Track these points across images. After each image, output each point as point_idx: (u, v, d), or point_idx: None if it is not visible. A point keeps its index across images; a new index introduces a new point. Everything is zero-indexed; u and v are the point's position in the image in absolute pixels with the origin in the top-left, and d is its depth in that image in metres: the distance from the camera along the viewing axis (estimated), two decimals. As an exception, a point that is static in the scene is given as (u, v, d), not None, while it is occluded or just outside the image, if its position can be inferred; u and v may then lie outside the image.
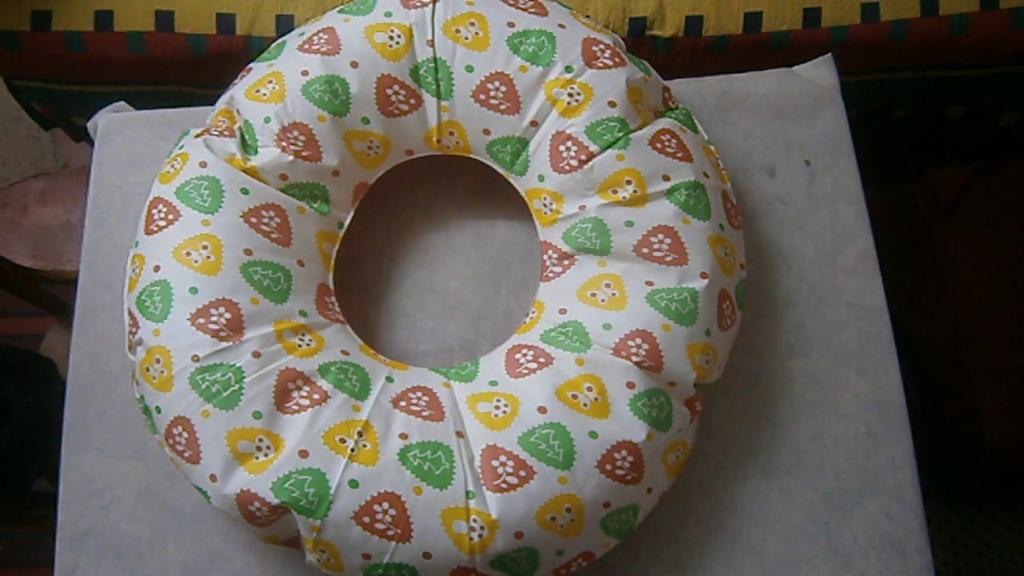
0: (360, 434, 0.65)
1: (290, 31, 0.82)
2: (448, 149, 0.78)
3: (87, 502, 0.75)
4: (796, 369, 0.78)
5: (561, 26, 0.75)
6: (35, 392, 1.11)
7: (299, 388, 0.66)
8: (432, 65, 0.75)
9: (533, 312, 0.75)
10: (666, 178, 0.72)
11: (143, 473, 0.75)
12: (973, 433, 1.15)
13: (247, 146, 0.74)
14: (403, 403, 0.68)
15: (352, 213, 0.77)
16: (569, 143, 0.73)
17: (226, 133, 0.75)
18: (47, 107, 1.16)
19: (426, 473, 0.64)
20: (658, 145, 0.73)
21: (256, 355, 0.66)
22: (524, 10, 0.75)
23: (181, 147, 0.75)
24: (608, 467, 0.65)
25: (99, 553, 0.74)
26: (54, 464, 0.77)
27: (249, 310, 0.68)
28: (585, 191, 0.73)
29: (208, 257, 0.68)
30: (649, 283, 0.71)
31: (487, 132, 0.75)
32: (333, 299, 0.75)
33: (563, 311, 0.72)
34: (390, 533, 0.64)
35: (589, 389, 0.67)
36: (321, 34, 0.75)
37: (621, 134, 0.72)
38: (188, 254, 0.69)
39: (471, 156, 0.78)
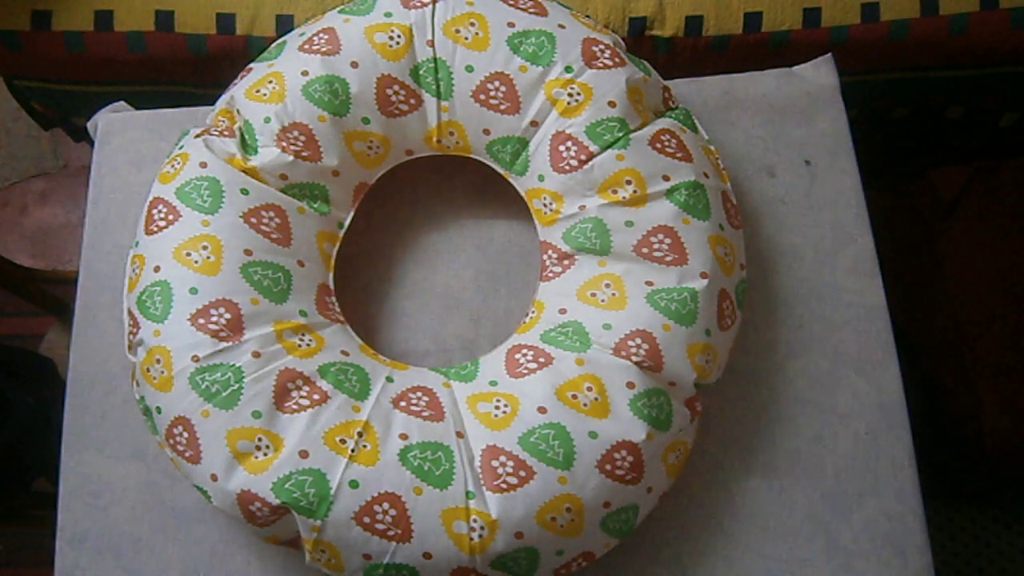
0: (360, 434, 0.65)
1: (290, 31, 0.82)
2: (448, 149, 0.78)
3: (87, 502, 0.75)
4: (796, 369, 0.78)
5: (561, 26, 0.75)
6: (35, 392, 1.11)
7: (299, 388, 0.66)
8: (432, 65, 0.75)
9: (533, 312, 0.75)
10: (666, 178, 0.72)
11: (143, 473, 0.75)
12: (973, 433, 1.15)
13: (247, 146, 0.74)
14: (403, 403, 0.68)
15: (352, 213, 0.77)
16: (569, 143, 0.73)
17: (226, 133, 0.75)
18: (47, 107, 1.16)
19: (426, 473, 0.64)
20: (658, 145, 0.73)
21: (256, 355, 0.66)
22: (524, 10, 0.75)
23: (181, 147, 0.75)
24: (608, 467, 0.65)
25: (99, 553, 0.74)
26: (54, 464, 0.77)
27: (249, 310, 0.68)
28: (585, 191, 0.73)
29: (208, 257, 0.68)
30: (649, 283, 0.71)
31: (487, 132, 0.75)
32: (333, 299, 0.75)
33: (563, 311, 0.72)
34: (390, 533, 0.64)
35: (589, 389, 0.67)
36: (321, 34, 0.75)
37: (621, 134, 0.72)
38: (188, 254, 0.69)
39: (471, 156, 0.78)
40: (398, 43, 0.75)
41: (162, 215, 0.71)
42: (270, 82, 0.74)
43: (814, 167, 0.84)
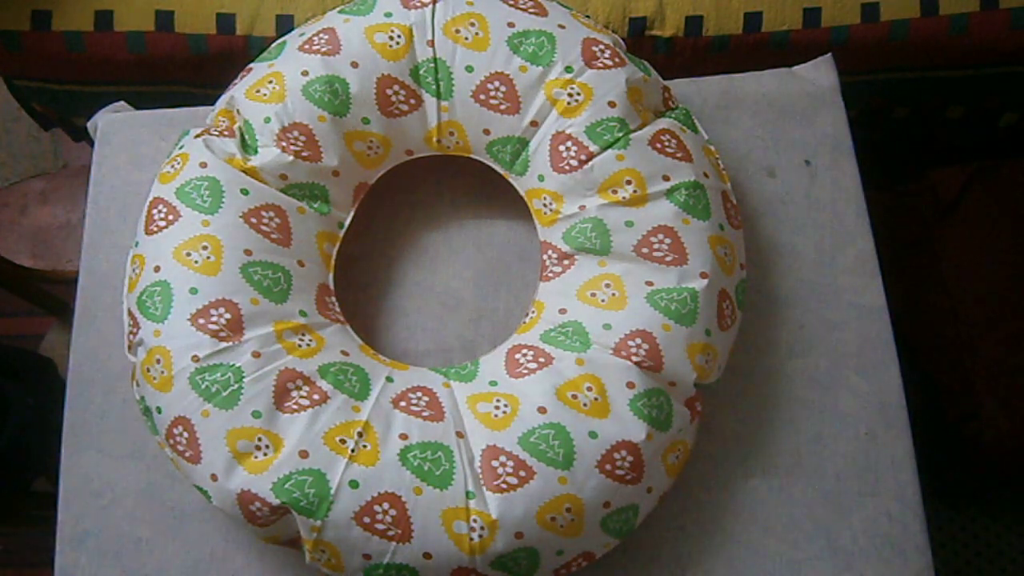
0: (360, 434, 0.65)
1: (290, 31, 0.82)
2: (448, 149, 0.78)
3: (87, 502, 0.75)
4: (796, 369, 0.78)
5: (561, 26, 0.75)
6: (35, 392, 1.11)
7: (299, 388, 0.66)
8: (432, 65, 0.75)
9: (533, 312, 0.75)
10: (666, 178, 0.72)
11: (143, 473, 0.75)
12: (973, 433, 1.15)
13: (247, 146, 0.74)
14: (403, 403, 0.68)
15: (352, 213, 0.77)
16: (569, 143, 0.73)
17: (226, 133, 0.75)
18: (47, 107, 1.16)
19: (426, 473, 0.64)
20: (658, 145, 0.73)
21: (256, 355, 0.66)
22: (524, 10, 0.75)
23: (181, 147, 0.75)
24: (608, 467, 0.65)
25: (99, 553, 0.74)
26: (54, 464, 0.77)
27: (249, 310, 0.68)
28: (585, 191, 0.73)
29: (208, 257, 0.68)
30: (649, 283, 0.71)
31: (487, 132, 0.75)
32: (333, 299, 0.75)
33: (563, 311, 0.72)
34: (390, 533, 0.64)
35: (589, 389, 0.67)
36: (321, 34, 0.75)
37: (621, 134, 0.72)
38: (188, 254, 0.69)
39: (471, 156, 0.78)
40: (398, 43, 0.75)
41: (162, 215, 0.71)
42: (270, 82, 0.74)
43: (814, 167, 0.84)
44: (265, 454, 0.65)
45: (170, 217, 0.71)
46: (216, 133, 0.75)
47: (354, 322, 0.76)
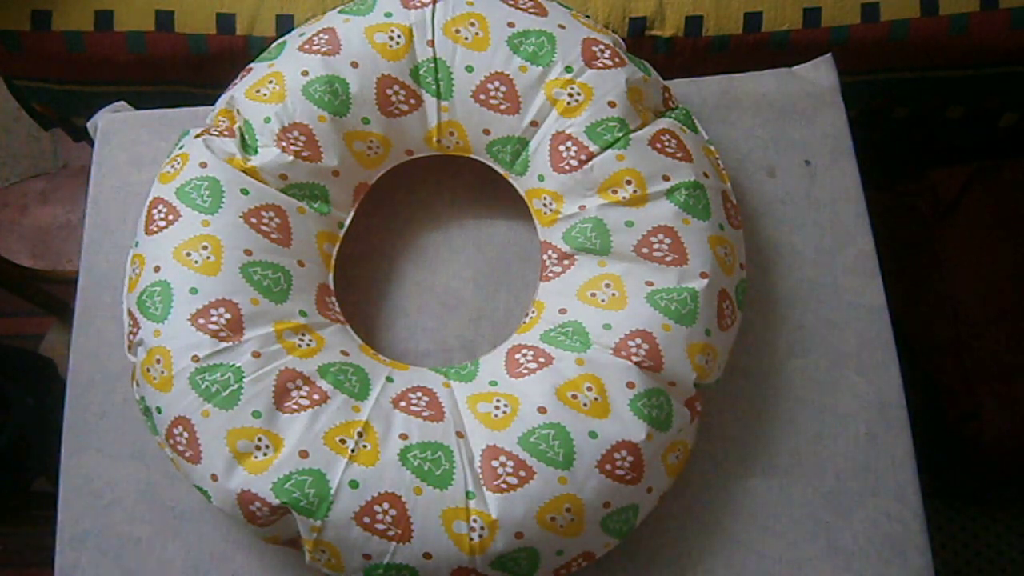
0: (360, 434, 0.65)
1: (290, 31, 0.82)
2: (448, 149, 0.78)
3: (87, 502, 0.75)
4: (796, 369, 0.78)
5: (561, 26, 0.75)
6: (35, 392, 1.11)
7: (299, 388, 0.66)
8: (432, 65, 0.75)
9: (533, 312, 0.75)
10: (666, 178, 0.72)
11: (143, 473, 0.75)
12: (973, 433, 1.15)
13: (247, 146, 0.74)
14: (403, 403, 0.68)
15: (352, 213, 0.77)
16: (569, 143, 0.73)
17: (226, 133, 0.75)
18: (47, 107, 1.16)
19: (426, 473, 0.64)
20: (658, 145, 0.73)
21: (256, 355, 0.66)
22: (524, 10, 0.75)
23: (181, 147, 0.75)
24: (608, 467, 0.65)
25: (99, 553, 0.74)
26: (54, 464, 0.77)
27: (249, 310, 0.68)
28: (585, 191, 0.73)
29: (208, 257, 0.68)
30: (649, 283, 0.71)
31: (487, 132, 0.75)
32: (333, 299, 0.75)
33: (563, 311, 0.72)
34: (390, 533, 0.64)
35: (589, 389, 0.67)
36: (321, 34, 0.75)
37: (621, 134, 0.72)
38: (188, 254, 0.69)
39: (471, 156, 0.78)
40: (398, 43, 0.75)
41: (162, 215, 0.71)
42: (270, 82, 0.74)
43: (814, 167, 0.84)
44: (265, 454, 0.65)
45: (170, 217, 0.71)
46: (216, 133, 0.75)
47: (354, 322, 0.76)
